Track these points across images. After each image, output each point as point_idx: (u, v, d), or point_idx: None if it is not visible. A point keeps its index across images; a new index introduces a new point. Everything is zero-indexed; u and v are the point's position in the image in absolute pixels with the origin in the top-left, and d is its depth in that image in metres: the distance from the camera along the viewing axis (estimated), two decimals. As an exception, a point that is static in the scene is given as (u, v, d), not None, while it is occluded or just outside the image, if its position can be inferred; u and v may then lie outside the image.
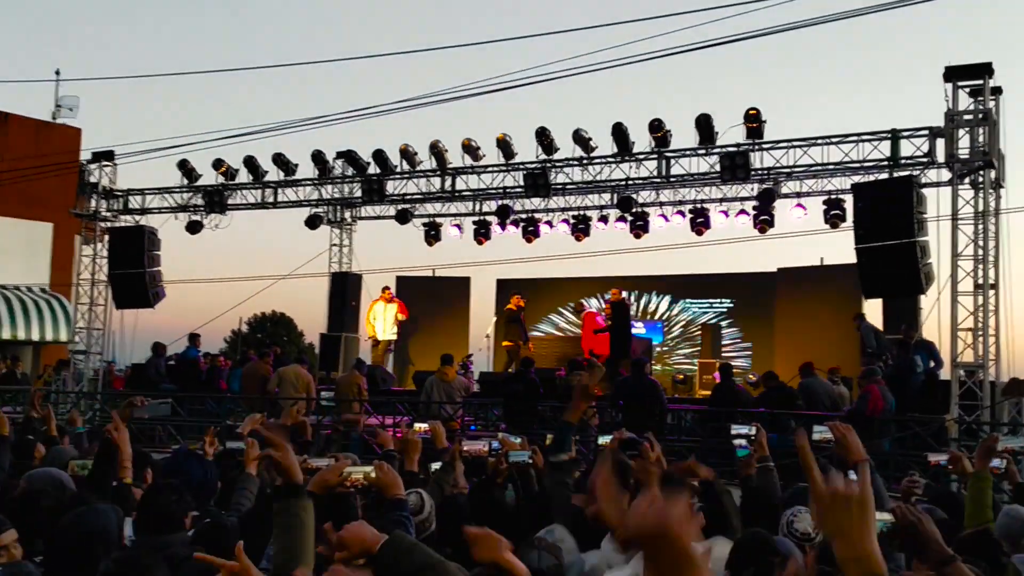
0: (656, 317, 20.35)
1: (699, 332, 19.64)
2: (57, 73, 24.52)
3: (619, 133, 14.84)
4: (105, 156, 18.28)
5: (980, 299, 12.31)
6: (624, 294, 17.80)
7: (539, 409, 13.35)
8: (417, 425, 7.70)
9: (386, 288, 18.54)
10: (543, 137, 15.32)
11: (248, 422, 6.64)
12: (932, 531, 2.82)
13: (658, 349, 19.63)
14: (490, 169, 16.22)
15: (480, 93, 15.12)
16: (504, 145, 15.65)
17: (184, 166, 17.49)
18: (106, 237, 18.25)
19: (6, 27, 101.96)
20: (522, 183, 15.76)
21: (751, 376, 17.30)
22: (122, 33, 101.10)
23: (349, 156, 16.83)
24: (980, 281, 12.33)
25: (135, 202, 18.37)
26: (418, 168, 16.61)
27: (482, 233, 18.12)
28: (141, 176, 36.24)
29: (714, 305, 19.91)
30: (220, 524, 3.80)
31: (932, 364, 12.86)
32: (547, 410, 13.25)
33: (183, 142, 16.68)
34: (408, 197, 17.23)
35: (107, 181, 18.39)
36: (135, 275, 17.31)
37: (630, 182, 15.51)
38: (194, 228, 17.84)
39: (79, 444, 8.29)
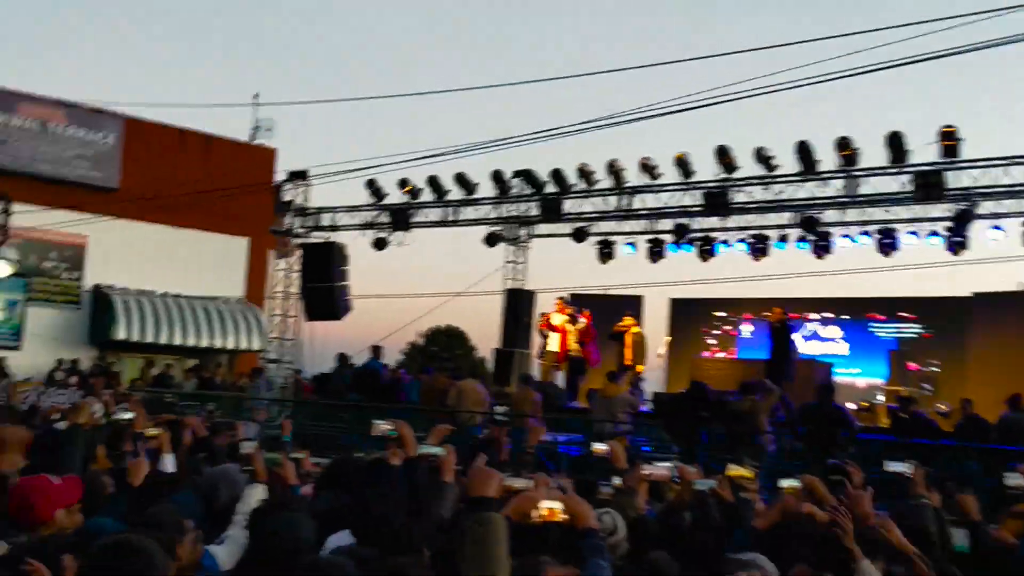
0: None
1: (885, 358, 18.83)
2: (256, 97, 26.08)
3: (804, 151, 14.50)
4: (300, 175, 19.38)
5: None
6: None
7: (704, 432, 13.08)
8: (596, 446, 7.61)
9: (568, 304, 18.27)
10: (723, 155, 15.15)
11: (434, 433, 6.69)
12: None
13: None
14: (668, 187, 16.17)
15: (660, 115, 15.09)
16: (683, 163, 15.58)
17: (372, 185, 18.32)
18: (298, 252, 19.30)
19: (211, 54, 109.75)
20: (700, 201, 15.62)
21: (941, 406, 16.43)
22: (316, 59, 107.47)
23: (527, 175, 17.17)
24: None
25: (326, 219, 19.37)
26: (595, 187, 16.74)
27: (656, 252, 18.04)
28: (330, 195, 38.09)
29: (901, 330, 19.05)
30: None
31: None
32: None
33: (371, 163, 17.39)
34: (585, 215, 17.38)
35: (301, 199, 19.49)
36: (325, 289, 18.23)
37: (814, 201, 15.11)
38: (380, 244, 18.63)
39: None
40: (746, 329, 20.55)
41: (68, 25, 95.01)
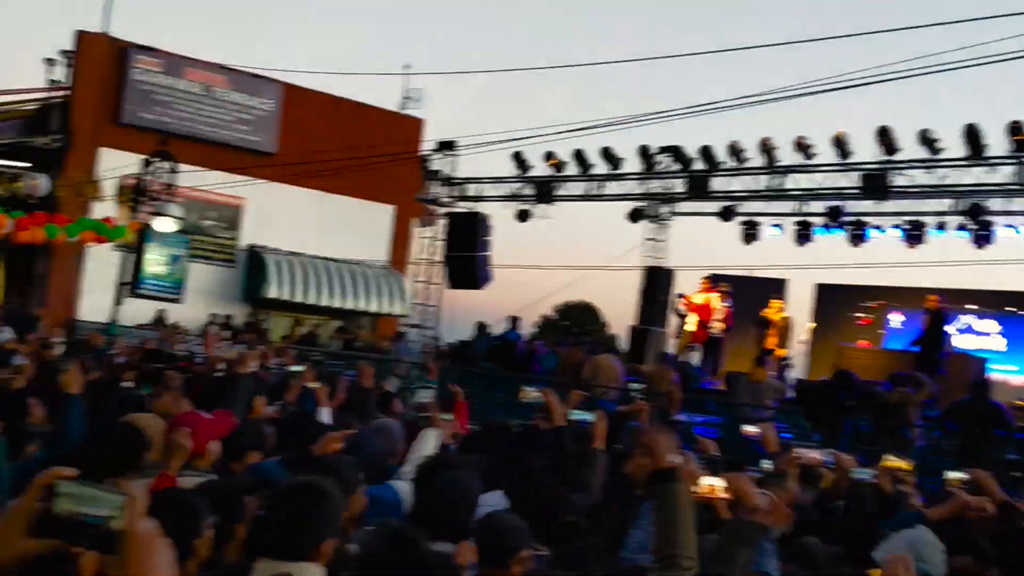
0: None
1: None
2: (406, 67, 26.45)
3: (972, 135, 13.75)
4: (447, 146, 19.71)
5: None
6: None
7: (848, 422, 12.65)
8: (747, 428, 7.49)
9: (722, 283, 17.75)
10: (884, 136, 14.53)
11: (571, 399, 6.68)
12: None
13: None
14: (822, 168, 15.64)
15: (817, 92, 14.56)
16: (840, 143, 15.03)
17: (517, 157, 18.47)
18: (441, 222, 19.69)
19: (365, 24, 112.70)
20: (856, 184, 15.05)
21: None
22: (465, 30, 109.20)
23: (675, 151, 16.91)
24: None
25: (471, 190, 19.66)
26: (745, 165, 16.36)
27: (803, 235, 17.47)
28: (475, 166, 38.39)
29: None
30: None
31: None
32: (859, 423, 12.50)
33: (518, 135, 17.50)
34: (733, 195, 17.01)
35: (448, 169, 19.83)
36: (468, 258, 18.55)
37: (980, 188, 14.34)
38: (523, 216, 18.80)
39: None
40: (895, 319, 19.74)
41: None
